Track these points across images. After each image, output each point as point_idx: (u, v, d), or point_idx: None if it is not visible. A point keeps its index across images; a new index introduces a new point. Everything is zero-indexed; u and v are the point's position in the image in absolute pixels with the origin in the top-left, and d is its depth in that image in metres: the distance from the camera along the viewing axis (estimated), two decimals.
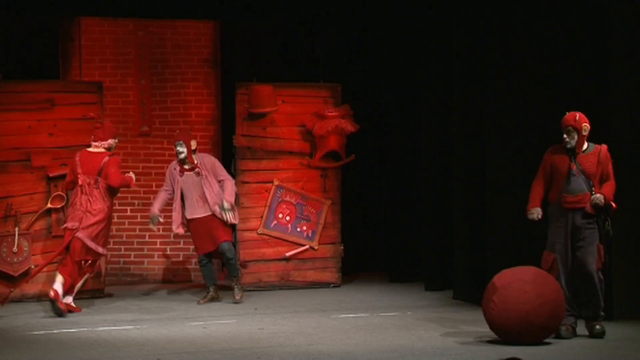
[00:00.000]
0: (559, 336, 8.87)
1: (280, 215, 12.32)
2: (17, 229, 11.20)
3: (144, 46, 12.86)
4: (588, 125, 9.08)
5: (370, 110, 13.30)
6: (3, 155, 11.29)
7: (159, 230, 12.66)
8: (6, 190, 11.27)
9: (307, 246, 12.40)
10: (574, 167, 9.08)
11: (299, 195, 12.38)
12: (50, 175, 11.36)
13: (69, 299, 10.56)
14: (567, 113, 9.13)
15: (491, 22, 10.91)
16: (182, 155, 11.02)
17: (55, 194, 11.36)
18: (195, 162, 11.08)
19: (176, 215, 11.19)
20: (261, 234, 12.25)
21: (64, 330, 9.52)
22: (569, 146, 9.12)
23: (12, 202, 11.25)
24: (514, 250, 10.33)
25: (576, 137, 9.09)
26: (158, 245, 12.90)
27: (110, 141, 10.82)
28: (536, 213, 9.17)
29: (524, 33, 10.53)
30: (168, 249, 12.93)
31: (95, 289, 11.55)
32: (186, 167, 11.11)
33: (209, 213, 11.08)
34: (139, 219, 12.83)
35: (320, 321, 10.03)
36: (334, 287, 12.47)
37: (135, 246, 12.88)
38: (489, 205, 10.90)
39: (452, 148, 11.60)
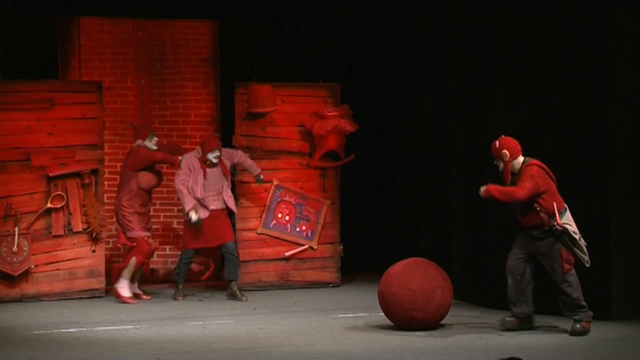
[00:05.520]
0: (503, 326, 9.28)
1: (280, 215, 12.31)
2: (16, 228, 11.20)
3: (143, 46, 12.86)
4: (507, 152, 9.12)
5: (370, 110, 13.29)
6: (3, 155, 11.28)
7: (158, 231, 12.66)
8: (6, 190, 11.26)
9: (306, 246, 12.40)
10: None
11: (298, 195, 12.37)
12: (50, 175, 11.35)
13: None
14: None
15: (491, 22, 10.91)
16: (216, 161, 11.38)
17: (55, 193, 11.36)
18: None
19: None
20: (260, 233, 12.25)
21: (63, 330, 9.53)
22: (500, 171, 9.25)
23: (12, 202, 11.24)
24: None
25: (501, 163, 9.21)
26: (158, 245, 12.86)
27: (139, 142, 11.48)
28: None
29: (524, 32, 10.52)
30: (168, 249, 12.93)
31: (95, 288, 11.56)
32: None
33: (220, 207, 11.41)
34: None
35: (319, 321, 10.03)
36: (333, 286, 12.47)
37: None
38: (488, 205, 10.88)
39: (452, 147, 11.60)
